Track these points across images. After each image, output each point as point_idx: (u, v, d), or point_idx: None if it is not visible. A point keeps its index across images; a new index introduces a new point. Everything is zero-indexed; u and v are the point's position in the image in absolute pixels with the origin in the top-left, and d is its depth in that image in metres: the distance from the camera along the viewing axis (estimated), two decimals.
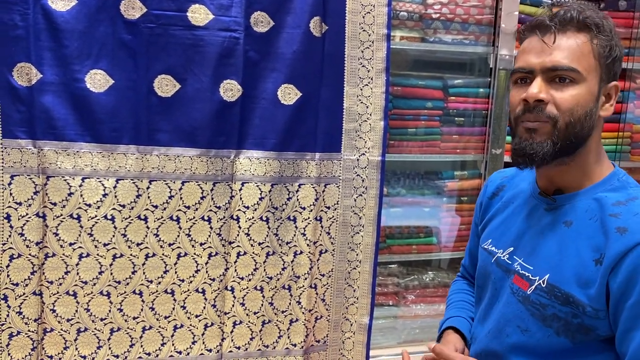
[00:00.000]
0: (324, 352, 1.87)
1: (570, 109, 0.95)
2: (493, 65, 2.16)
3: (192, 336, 1.72)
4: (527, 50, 0.99)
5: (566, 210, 1.02)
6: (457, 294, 1.35)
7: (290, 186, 1.73)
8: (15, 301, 1.55)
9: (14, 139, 1.50)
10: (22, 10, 1.46)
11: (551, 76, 0.96)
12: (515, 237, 1.10)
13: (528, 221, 1.08)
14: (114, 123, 1.56)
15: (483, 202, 1.26)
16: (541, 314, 0.99)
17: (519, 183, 1.18)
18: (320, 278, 1.81)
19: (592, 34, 0.96)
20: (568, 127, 0.95)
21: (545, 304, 0.98)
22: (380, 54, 1.76)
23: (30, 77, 1.49)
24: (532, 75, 0.98)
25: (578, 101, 0.95)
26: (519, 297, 1.03)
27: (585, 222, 0.97)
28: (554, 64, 0.95)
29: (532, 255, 1.04)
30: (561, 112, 0.95)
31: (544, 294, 0.98)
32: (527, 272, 1.03)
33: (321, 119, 1.73)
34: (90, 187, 1.57)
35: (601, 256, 0.92)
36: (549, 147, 0.96)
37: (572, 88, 0.95)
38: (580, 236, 0.97)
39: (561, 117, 0.95)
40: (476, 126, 2.24)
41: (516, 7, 2.09)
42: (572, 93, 0.95)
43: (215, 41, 1.60)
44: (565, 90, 0.95)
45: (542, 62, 0.96)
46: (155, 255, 1.65)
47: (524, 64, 0.99)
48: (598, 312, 0.92)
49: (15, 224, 1.53)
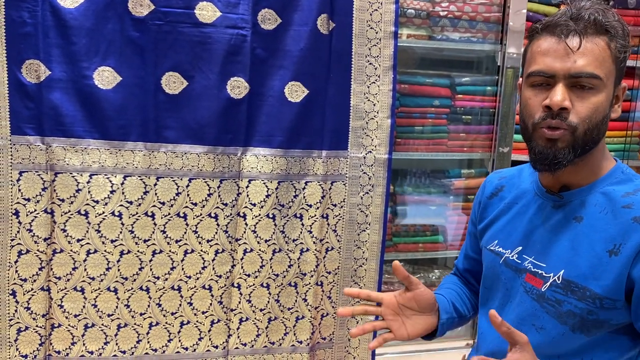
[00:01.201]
0: (330, 350, 1.87)
1: (589, 117, 0.94)
2: (501, 63, 2.15)
3: (199, 332, 1.72)
4: (547, 53, 0.95)
5: (575, 206, 1.02)
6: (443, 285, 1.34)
7: (297, 183, 1.73)
8: (23, 297, 1.56)
9: (23, 135, 1.51)
10: (31, 8, 1.47)
11: (573, 82, 0.94)
12: (523, 237, 1.09)
13: (535, 220, 1.08)
14: (121, 120, 1.57)
15: (482, 202, 1.25)
16: (557, 311, 0.99)
17: (520, 184, 1.17)
18: (327, 275, 1.81)
19: (610, 38, 0.94)
20: (586, 134, 0.94)
21: (561, 300, 0.98)
22: (388, 51, 1.75)
23: (39, 74, 1.50)
24: (552, 79, 0.95)
25: (597, 108, 0.94)
26: (532, 295, 1.03)
27: (596, 216, 0.98)
28: (579, 71, 0.92)
29: (543, 252, 1.04)
30: (580, 119, 0.94)
31: (560, 290, 0.99)
32: (540, 269, 1.03)
33: (328, 116, 1.73)
34: (98, 184, 1.57)
35: (615, 247, 0.93)
36: (570, 154, 0.95)
37: (592, 95, 0.93)
38: (593, 230, 0.97)
39: (580, 124, 0.94)
40: (483, 124, 2.23)
41: (524, 4, 2.08)
42: (593, 101, 0.93)
43: (222, 38, 1.60)
44: (586, 98, 0.93)
45: (566, 67, 0.93)
46: (162, 252, 1.65)
47: (545, 67, 0.95)
48: (615, 302, 0.93)
49: (23, 220, 1.54)
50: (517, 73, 2.12)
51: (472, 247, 1.30)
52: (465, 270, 1.34)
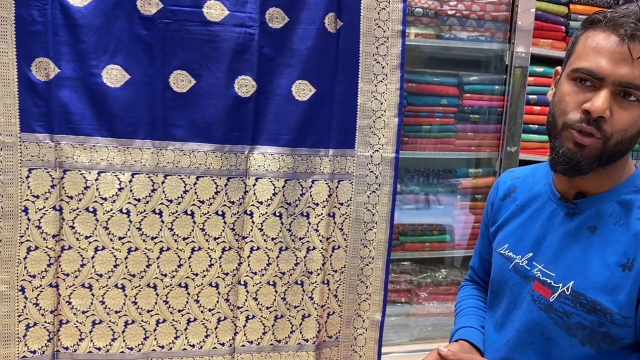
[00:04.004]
0: (336, 348, 1.87)
1: (625, 130, 0.88)
2: (509, 62, 2.14)
3: (205, 330, 1.73)
4: (602, 52, 0.87)
5: (589, 215, 0.97)
6: (466, 300, 1.30)
7: (304, 182, 1.73)
8: (32, 293, 1.58)
9: (32, 133, 1.53)
10: (41, 6, 1.48)
11: (619, 90, 0.87)
12: (534, 243, 1.05)
13: (547, 226, 1.04)
14: (129, 118, 1.58)
15: (495, 203, 1.21)
16: (565, 323, 0.95)
17: (533, 185, 1.12)
18: (333, 274, 1.81)
19: None
20: (617, 145, 0.89)
21: (570, 312, 0.94)
22: (395, 50, 1.75)
23: (48, 72, 1.51)
24: (599, 82, 0.87)
25: (635, 122, 0.88)
26: (540, 304, 0.99)
27: (610, 227, 0.93)
28: (631, 81, 0.85)
29: (553, 261, 1.00)
30: (616, 130, 0.87)
31: (569, 302, 0.95)
32: (549, 278, 0.99)
33: (335, 115, 1.73)
34: (106, 181, 1.59)
35: (628, 261, 0.89)
36: (594, 164, 0.90)
37: (634, 108, 0.87)
38: (606, 242, 0.93)
39: (614, 135, 0.88)
40: (491, 124, 2.23)
41: (533, 3, 2.07)
42: (633, 114, 0.87)
43: (230, 37, 1.61)
44: (627, 109, 0.87)
45: (618, 74, 0.85)
46: (170, 249, 1.66)
47: (597, 68, 0.87)
48: (627, 319, 0.89)
49: (32, 217, 1.55)
50: (525, 72, 2.11)
51: (487, 249, 1.26)
52: (483, 273, 1.31)
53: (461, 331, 1.17)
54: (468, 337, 1.14)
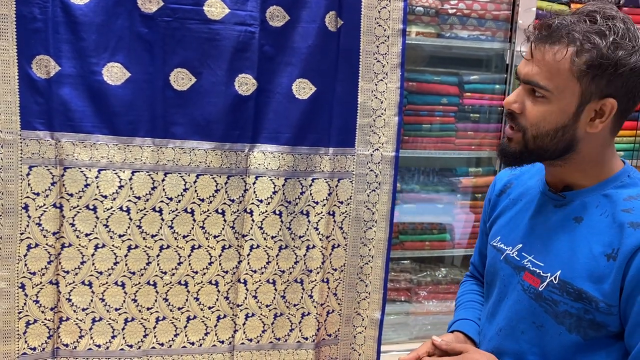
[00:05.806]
0: (335, 346, 1.87)
1: (536, 124, 0.97)
2: (509, 61, 2.14)
3: (205, 327, 1.73)
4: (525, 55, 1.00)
5: (576, 206, 1.02)
6: (466, 295, 1.34)
7: (304, 180, 1.74)
8: (32, 290, 1.58)
9: (33, 130, 1.53)
10: (42, 4, 1.48)
11: (529, 88, 0.97)
12: (524, 234, 1.09)
13: (537, 218, 1.08)
14: (130, 116, 1.58)
15: (491, 200, 1.25)
16: (553, 311, 0.99)
17: (527, 180, 1.17)
18: (333, 272, 1.81)
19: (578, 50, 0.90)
20: (536, 139, 0.98)
21: (557, 301, 0.98)
22: (396, 49, 1.75)
23: (49, 70, 1.51)
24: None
25: (545, 117, 0.96)
26: (530, 294, 1.03)
27: (596, 218, 0.97)
28: (530, 78, 0.96)
29: (542, 251, 1.04)
30: (528, 124, 0.98)
31: (556, 290, 0.98)
32: (538, 268, 1.03)
33: (335, 113, 1.73)
34: (106, 179, 1.59)
35: (613, 251, 0.92)
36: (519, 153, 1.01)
37: (541, 104, 0.96)
38: (591, 232, 0.97)
39: (529, 129, 0.98)
40: (491, 123, 2.23)
41: (534, 2, 2.07)
42: (540, 109, 0.96)
43: (230, 35, 1.61)
44: (536, 105, 0.97)
45: (523, 72, 0.98)
46: (170, 247, 1.66)
47: (518, 69, 1.01)
48: (611, 307, 0.93)
49: (33, 214, 1.55)
50: None
51: (485, 246, 1.29)
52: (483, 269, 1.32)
53: (457, 323, 1.23)
54: (463, 329, 1.20)
